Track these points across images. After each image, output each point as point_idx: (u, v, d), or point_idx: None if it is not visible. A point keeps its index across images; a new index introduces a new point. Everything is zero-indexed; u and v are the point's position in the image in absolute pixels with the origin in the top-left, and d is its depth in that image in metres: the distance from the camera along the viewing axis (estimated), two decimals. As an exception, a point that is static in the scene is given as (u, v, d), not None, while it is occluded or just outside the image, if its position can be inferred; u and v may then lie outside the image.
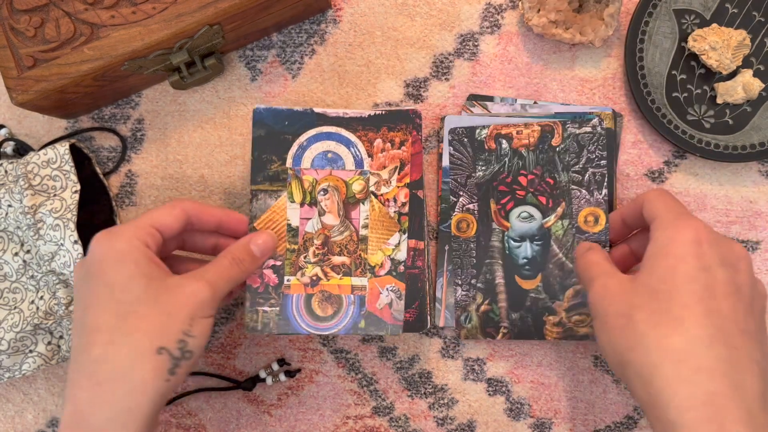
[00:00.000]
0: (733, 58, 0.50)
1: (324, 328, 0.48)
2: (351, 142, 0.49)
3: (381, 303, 0.48)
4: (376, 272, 0.48)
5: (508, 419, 0.52)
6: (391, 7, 0.53)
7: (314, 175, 0.49)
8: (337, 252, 0.48)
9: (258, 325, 0.48)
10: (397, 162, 0.49)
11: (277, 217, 0.48)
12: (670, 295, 0.37)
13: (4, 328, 0.48)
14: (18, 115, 0.55)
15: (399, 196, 0.49)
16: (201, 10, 0.46)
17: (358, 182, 0.49)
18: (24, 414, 0.54)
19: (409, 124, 0.49)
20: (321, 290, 0.48)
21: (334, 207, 0.48)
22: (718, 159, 0.50)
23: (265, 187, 0.48)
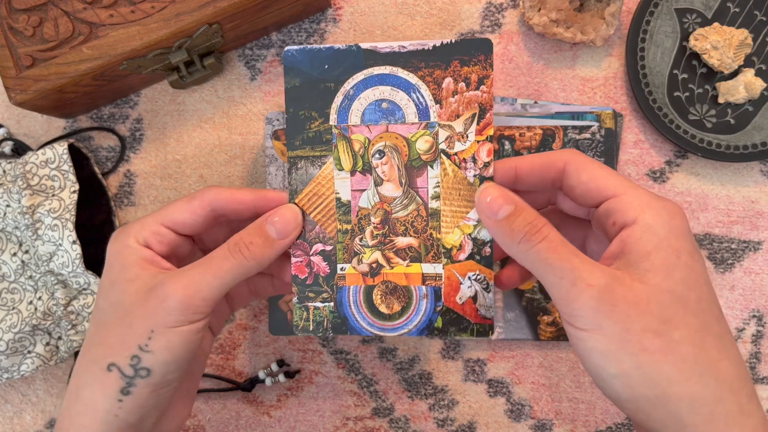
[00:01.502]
0: (735, 58, 0.49)
1: (390, 328, 0.38)
2: (412, 86, 0.37)
3: (462, 296, 0.38)
4: (453, 257, 0.38)
5: (509, 420, 0.52)
6: (391, 6, 0.53)
7: (366, 133, 0.38)
8: (402, 232, 0.38)
9: (309, 324, 0.39)
10: (476, 108, 0.37)
11: (322, 190, 0.38)
12: (702, 305, 0.31)
13: (2, 329, 0.47)
14: (16, 115, 0.54)
15: (480, 154, 0.37)
16: (200, 9, 0.46)
17: (423, 139, 0.37)
18: (23, 415, 0.54)
19: (488, 54, 0.36)
20: (384, 280, 0.38)
21: (394, 173, 0.38)
22: (720, 159, 0.50)
23: (306, 153, 0.38)
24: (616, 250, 0.32)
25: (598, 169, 0.34)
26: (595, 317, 0.30)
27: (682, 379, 0.30)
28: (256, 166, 0.53)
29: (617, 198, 0.33)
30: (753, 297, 0.52)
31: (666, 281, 0.31)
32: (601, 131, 0.49)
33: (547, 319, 0.50)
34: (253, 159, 0.53)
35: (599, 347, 0.30)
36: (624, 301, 0.30)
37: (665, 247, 0.31)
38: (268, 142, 0.46)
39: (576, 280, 0.31)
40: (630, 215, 0.32)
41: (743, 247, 0.52)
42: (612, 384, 0.31)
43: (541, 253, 0.32)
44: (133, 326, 0.34)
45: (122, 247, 0.36)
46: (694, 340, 0.30)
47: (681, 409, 0.30)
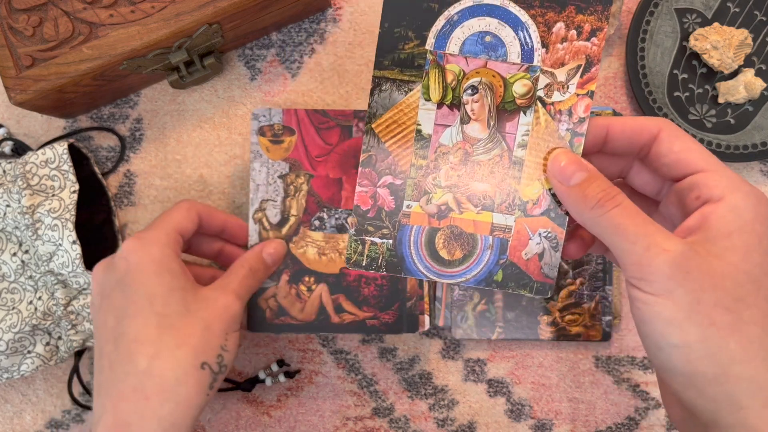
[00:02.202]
0: (735, 58, 0.49)
1: (448, 274, 0.36)
2: (521, 23, 0.35)
3: (529, 252, 0.36)
4: (528, 210, 0.36)
5: (509, 420, 0.52)
6: (391, 6, 0.53)
7: (462, 65, 0.35)
8: (479, 176, 0.36)
9: (363, 259, 0.36)
10: (582, 59, 0.35)
11: (404, 118, 0.36)
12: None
13: (2, 329, 0.47)
14: (16, 115, 0.54)
15: (577, 108, 0.35)
16: (200, 9, 0.46)
17: (522, 82, 0.35)
18: (23, 415, 0.54)
19: (607, 6, 0.35)
20: (450, 225, 0.36)
21: (484, 113, 0.35)
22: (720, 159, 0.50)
23: (393, 75, 0.35)
24: (694, 224, 0.32)
25: (692, 142, 0.33)
26: (667, 283, 0.30)
27: (746, 360, 0.29)
28: (256, 166, 0.53)
29: (706, 173, 0.32)
30: (753, 297, 0.52)
31: (744, 262, 0.30)
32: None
33: (547, 319, 0.50)
34: (253, 159, 0.53)
35: (666, 314, 0.30)
36: (699, 271, 0.30)
37: (749, 230, 0.30)
38: (254, 138, 0.47)
39: (651, 245, 0.30)
40: (716, 192, 0.31)
41: (743, 247, 0.52)
42: (670, 354, 0.30)
43: (615, 219, 0.31)
44: (213, 330, 0.40)
45: (165, 258, 0.41)
46: (764, 323, 0.30)
47: (739, 390, 0.29)
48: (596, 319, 0.50)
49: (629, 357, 0.52)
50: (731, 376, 0.29)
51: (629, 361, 0.52)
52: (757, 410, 0.29)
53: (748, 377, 0.29)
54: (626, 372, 0.52)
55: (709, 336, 0.29)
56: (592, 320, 0.50)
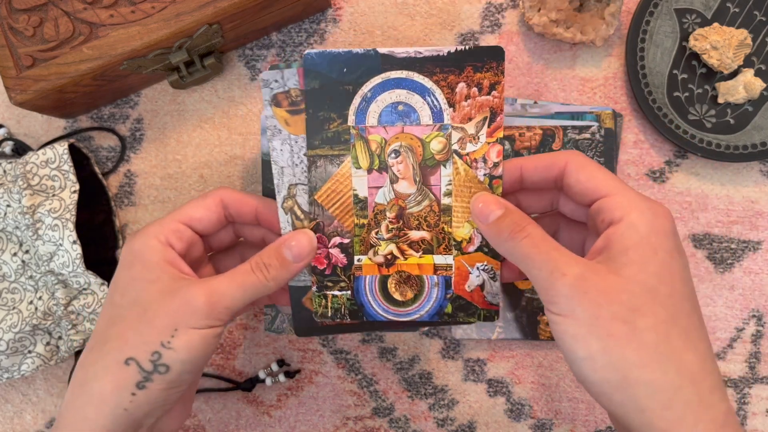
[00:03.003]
0: (735, 58, 0.49)
1: (405, 313, 0.41)
2: (427, 90, 0.39)
3: (471, 284, 0.41)
4: (463, 249, 0.40)
5: (509, 420, 0.52)
6: (391, 6, 0.53)
7: (382, 134, 0.40)
8: (415, 226, 0.40)
9: (328, 311, 0.41)
10: (487, 111, 0.39)
11: (341, 187, 0.40)
12: (672, 299, 0.33)
13: (3, 329, 0.47)
14: (17, 115, 0.54)
15: (490, 155, 0.39)
16: (200, 9, 0.46)
17: (437, 140, 0.40)
18: (23, 415, 0.54)
19: (500, 61, 0.39)
20: (398, 271, 0.41)
21: (409, 172, 0.40)
22: (720, 159, 0.50)
23: (325, 152, 0.40)
24: (601, 245, 0.34)
25: (596, 169, 0.36)
26: (568, 303, 0.32)
27: (642, 365, 0.31)
28: (256, 166, 0.53)
29: (609, 197, 0.35)
30: (752, 297, 0.52)
31: (639, 274, 0.33)
32: (600, 131, 0.49)
33: (546, 318, 0.50)
34: (253, 159, 0.53)
35: (570, 331, 0.32)
36: (595, 289, 0.32)
37: (644, 244, 0.33)
38: (267, 110, 0.40)
39: (553, 271, 0.33)
40: (617, 214, 0.34)
41: (743, 247, 0.52)
42: (580, 366, 0.33)
43: (525, 249, 0.35)
44: (155, 322, 0.35)
45: (144, 247, 0.38)
46: (659, 330, 0.32)
47: (639, 394, 0.31)
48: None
49: (629, 357, 0.52)
50: (631, 381, 0.31)
51: (629, 361, 0.52)
52: (659, 412, 0.31)
53: (646, 381, 0.31)
54: (626, 372, 0.52)
55: (609, 346, 0.32)
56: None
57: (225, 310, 0.36)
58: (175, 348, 0.35)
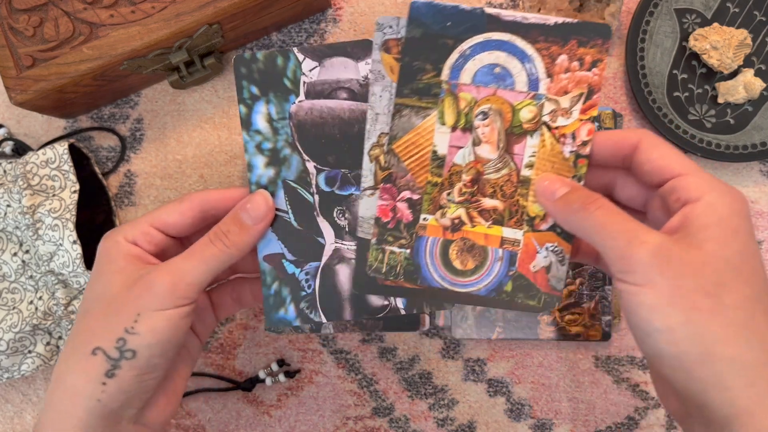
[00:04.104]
0: (735, 58, 0.49)
1: (461, 284, 0.39)
2: (527, 56, 0.38)
3: (536, 265, 0.39)
4: (535, 225, 0.38)
5: (509, 420, 0.52)
6: (391, 6, 0.53)
7: (474, 94, 0.38)
8: (490, 193, 0.39)
9: (383, 266, 0.39)
10: (584, 88, 0.38)
11: (420, 140, 0.39)
12: (755, 278, 0.32)
13: (3, 329, 0.47)
14: (17, 115, 0.54)
15: (580, 133, 0.38)
16: (200, 9, 0.46)
17: (528, 108, 0.38)
18: (23, 415, 0.54)
19: (606, 39, 0.38)
20: (463, 237, 0.39)
21: (494, 136, 0.38)
22: (720, 159, 0.50)
23: (412, 102, 0.39)
24: (676, 224, 0.33)
25: (669, 149, 0.35)
26: (648, 272, 0.31)
27: (728, 340, 0.30)
28: (257, 166, 0.53)
29: (684, 177, 0.34)
30: (752, 297, 0.52)
31: (722, 250, 0.32)
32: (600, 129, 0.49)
33: (546, 318, 0.50)
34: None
35: (648, 301, 0.31)
36: (678, 260, 0.31)
37: (725, 223, 0.32)
38: (376, 54, 0.39)
39: (632, 239, 0.32)
40: (694, 193, 0.33)
41: (743, 247, 0.52)
42: (656, 339, 0.31)
43: (598, 219, 0.33)
44: (120, 311, 0.35)
45: (111, 244, 0.38)
46: (745, 306, 0.31)
47: (724, 369, 0.30)
48: (596, 318, 0.50)
49: (629, 357, 0.52)
50: (715, 356, 0.30)
51: (629, 361, 0.52)
52: (743, 389, 0.30)
53: (731, 357, 0.30)
54: (626, 372, 0.52)
55: (692, 318, 0.30)
56: (591, 320, 0.50)
57: (188, 288, 0.36)
58: (140, 332, 0.35)
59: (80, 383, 0.35)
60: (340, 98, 0.40)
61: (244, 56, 0.40)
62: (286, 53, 0.40)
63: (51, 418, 0.36)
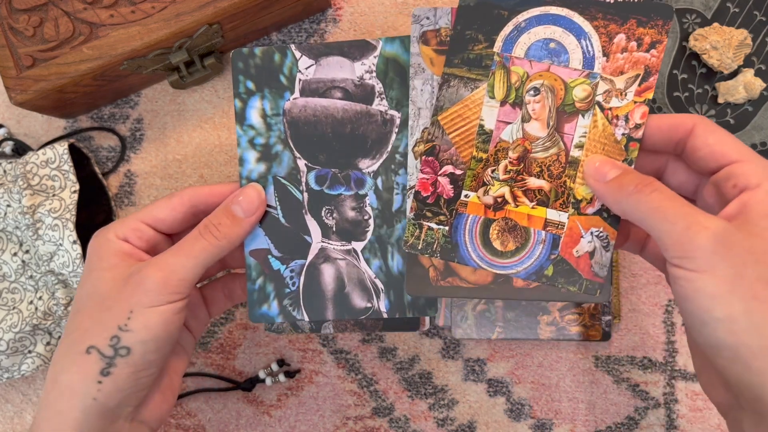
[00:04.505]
0: (735, 58, 0.49)
1: (501, 265, 0.37)
2: (584, 33, 0.37)
3: (580, 249, 0.37)
4: (581, 209, 0.37)
5: (509, 420, 0.52)
6: (391, 6, 0.53)
7: (527, 68, 0.37)
8: (536, 173, 0.37)
9: (419, 243, 0.38)
10: (641, 69, 0.37)
11: (468, 113, 0.37)
12: None
13: (3, 329, 0.47)
14: (17, 115, 0.54)
15: (633, 115, 0.37)
16: (200, 9, 0.46)
17: (582, 87, 0.37)
18: (23, 414, 0.54)
19: (667, 20, 0.36)
20: (505, 217, 0.37)
21: (544, 113, 0.37)
22: (720, 159, 0.50)
23: (462, 72, 0.37)
24: (734, 210, 0.32)
25: (726, 134, 0.34)
26: (709, 258, 0.30)
27: None
28: (257, 166, 0.53)
29: (741, 163, 0.33)
30: (752, 297, 0.52)
31: None
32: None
33: (547, 318, 0.50)
34: (253, 159, 0.53)
35: (709, 289, 0.30)
36: (741, 247, 0.30)
37: None
38: (414, 48, 0.38)
39: (692, 224, 0.31)
40: (753, 179, 0.32)
41: (743, 247, 0.52)
42: (715, 328, 0.30)
43: (654, 202, 0.32)
44: (112, 309, 0.35)
45: (101, 241, 0.38)
46: None
47: None
48: (596, 318, 0.50)
49: (629, 357, 0.52)
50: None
51: (629, 361, 0.52)
52: None
53: None
54: (626, 372, 0.52)
55: (753, 309, 0.29)
56: (591, 320, 0.50)
57: (180, 283, 0.36)
58: (133, 329, 0.35)
59: (75, 382, 0.35)
60: (335, 97, 0.40)
61: (242, 51, 0.40)
62: (284, 50, 0.40)
63: (47, 417, 0.35)
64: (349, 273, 0.40)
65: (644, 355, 0.52)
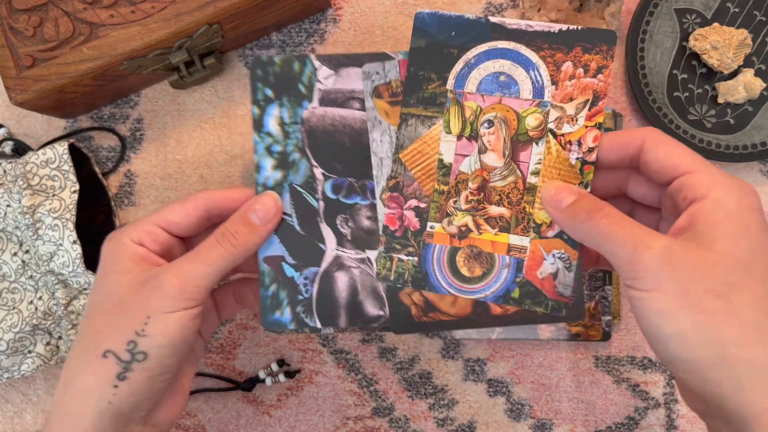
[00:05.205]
0: (735, 58, 0.49)
1: (469, 290, 0.39)
2: (532, 64, 0.38)
3: (543, 271, 0.39)
4: (542, 232, 0.38)
5: (509, 420, 0.52)
6: (391, 6, 0.53)
7: (479, 102, 0.39)
8: (496, 201, 0.39)
9: (391, 274, 0.39)
10: (590, 94, 0.38)
11: (427, 149, 0.39)
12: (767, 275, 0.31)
13: (3, 329, 0.47)
14: (17, 115, 0.54)
15: (586, 139, 0.38)
16: (200, 9, 0.46)
17: (534, 116, 0.38)
18: (23, 415, 0.54)
19: (611, 45, 0.38)
20: (470, 245, 0.39)
21: (499, 144, 0.39)
22: (720, 159, 0.50)
23: (418, 111, 0.39)
24: (684, 223, 0.33)
25: (675, 146, 0.35)
26: (656, 277, 0.31)
27: (742, 342, 0.30)
28: (257, 166, 0.53)
29: (690, 174, 0.34)
30: (752, 297, 0.52)
31: (732, 249, 0.31)
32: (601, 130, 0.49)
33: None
34: (253, 159, 0.53)
35: (658, 306, 0.31)
36: (686, 262, 0.31)
37: (734, 220, 0.32)
38: (369, 102, 0.40)
39: (637, 245, 0.32)
40: (701, 190, 0.33)
41: (743, 247, 0.52)
42: (668, 344, 0.31)
43: (604, 227, 0.33)
44: (129, 313, 0.35)
45: (116, 245, 0.38)
46: (758, 306, 0.30)
47: (739, 372, 0.30)
48: (596, 318, 0.50)
49: (629, 357, 0.52)
50: (729, 359, 0.30)
51: (629, 361, 0.52)
52: (758, 391, 0.30)
53: (746, 359, 0.30)
54: (626, 372, 0.52)
55: (702, 322, 0.30)
56: (591, 320, 0.50)
57: (196, 290, 0.36)
58: (151, 335, 0.35)
59: (91, 385, 0.35)
60: (353, 108, 0.40)
61: (262, 58, 0.40)
62: (303, 59, 0.40)
63: (60, 419, 0.35)
64: (362, 281, 0.40)
65: (644, 355, 0.52)
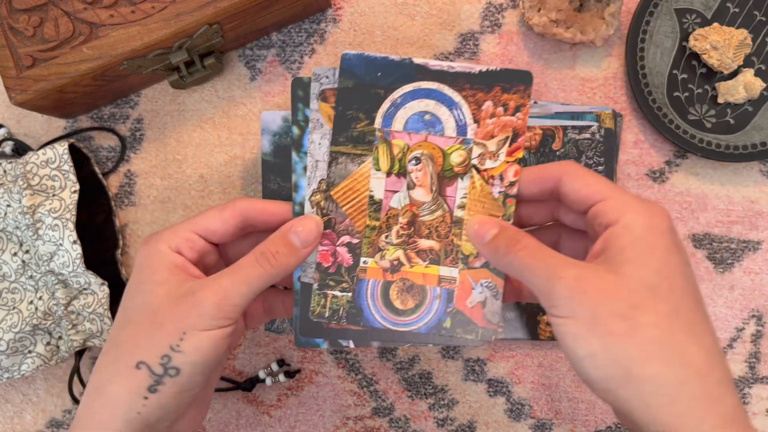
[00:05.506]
0: (735, 58, 0.49)
1: (403, 323, 0.41)
2: (455, 103, 0.40)
3: (472, 301, 0.41)
4: (469, 263, 0.40)
5: (509, 420, 0.52)
6: (391, 6, 0.53)
7: (406, 140, 0.40)
8: (426, 235, 0.41)
9: (326, 311, 0.41)
10: (509, 132, 0.40)
11: (358, 186, 0.41)
12: (674, 294, 0.33)
13: (3, 329, 0.47)
14: (17, 115, 0.54)
15: (507, 174, 0.40)
16: (200, 9, 0.46)
17: (458, 152, 0.40)
18: (23, 415, 0.54)
19: (527, 85, 0.40)
20: (402, 278, 0.41)
21: (427, 180, 0.41)
22: (720, 159, 0.50)
23: (348, 150, 0.41)
24: (599, 248, 0.35)
25: (590, 176, 0.37)
26: (568, 304, 0.33)
27: (645, 360, 0.31)
28: (256, 166, 0.53)
29: (604, 201, 0.35)
30: (752, 297, 0.52)
31: (637, 271, 0.33)
32: (600, 131, 0.49)
33: (546, 318, 0.50)
34: (253, 159, 0.53)
35: (571, 331, 0.33)
36: (594, 288, 0.33)
37: (640, 242, 0.34)
38: (314, 104, 0.41)
39: (551, 276, 0.34)
40: (612, 216, 0.35)
41: (743, 247, 0.52)
42: (583, 365, 0.33)
43: (522, 259, 0.35)
44: (165, 327, 0.35)
45: (153, 252, 0.38)
46: (661, 325, 0.32)
47: (645, 390, 0.31)
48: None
49: (629, 357, 0.52)
50: (635, 377, 0.31)
51: (629, 361, 0.52)
52: (665, 407, 0.31)
53: (650, 376, 0.31)
54: (626, 372, 0.52)
55: (610, 343, 0.32)
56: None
57: (233, 308, 0.36)
58: (185, 351, 0.35)
59: (122, 395, 0.35)
60: None
61: (303, 79, 0.41)
62: None
63: (87, 425, 0.36)
64: None
65: (644, 355, 0.52)
